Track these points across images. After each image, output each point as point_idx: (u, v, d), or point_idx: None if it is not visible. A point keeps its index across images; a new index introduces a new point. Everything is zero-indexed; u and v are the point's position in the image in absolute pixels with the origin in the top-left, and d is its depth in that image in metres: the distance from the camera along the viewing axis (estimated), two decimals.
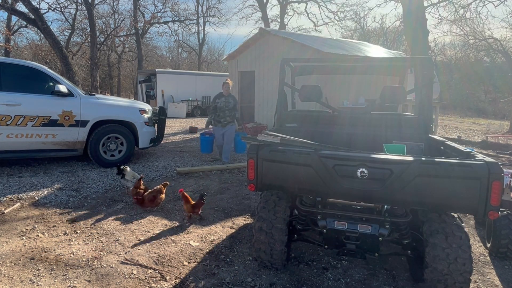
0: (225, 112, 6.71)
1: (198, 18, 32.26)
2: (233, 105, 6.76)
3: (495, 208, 2.35)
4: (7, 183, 5.30)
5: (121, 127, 6.40)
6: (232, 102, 6.76)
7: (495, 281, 3.11)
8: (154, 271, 3.05)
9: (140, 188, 4.61)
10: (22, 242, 3.51)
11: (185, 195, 4.15)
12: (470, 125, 18.75)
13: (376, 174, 2.54)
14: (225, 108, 6.69)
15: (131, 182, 4.89)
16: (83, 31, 26.80)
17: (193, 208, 4.15)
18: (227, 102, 6.70)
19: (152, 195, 4.42)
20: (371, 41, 29.42)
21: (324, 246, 2.95)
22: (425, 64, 3.85)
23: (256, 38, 11.47)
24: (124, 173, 4.95)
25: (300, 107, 5.09)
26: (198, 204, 4.17)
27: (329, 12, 28.94)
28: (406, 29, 12.22)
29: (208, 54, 39.29)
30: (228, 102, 6.71)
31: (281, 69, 3.98)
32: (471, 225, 4.39)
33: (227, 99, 6.72)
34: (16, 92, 5.62)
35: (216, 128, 6.88)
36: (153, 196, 4.41)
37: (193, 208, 4.15)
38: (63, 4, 21.23)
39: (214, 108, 6.76)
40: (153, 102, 18.04)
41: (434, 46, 29.54)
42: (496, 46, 19.42)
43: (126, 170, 4.97)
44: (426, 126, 3.71)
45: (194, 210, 4.16)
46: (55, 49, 13.48)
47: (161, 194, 4.48)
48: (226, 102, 6.70)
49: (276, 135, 2.94)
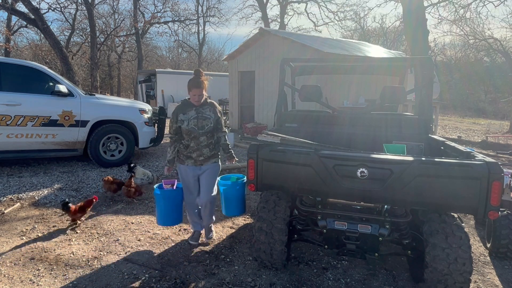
0: (199, 139, 3.32)
1: (198, 18, 32.23)
2: (214, 121, 3.36)
3: (495, 208, 2.35)
4: (7, 183, 5.29)
5: (121, 127, 6.40)
6: (211, 116, 3.35)
7: (495, 281, 3.11)
8: (154, 271, 3.05)
9: (131, 187, 4.74)
10: (22, 242, 3.51)
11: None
12: (470, 125, 18.74)
13: (376, 174, 2.54)
14: (198, 131, 3.30)
15: (140, 180, 4.97)
16: (83, 31, 26.78)
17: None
18: (201, 119, 3.31)
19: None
20: (371, 41, 29.41)
21: (324, 246, 2.95)
22: (425, 64, 3.85)
23: (256, 38, 11.47)
24: (134, 171, 5.06)
25: (300, 107, 5.09)
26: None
27: (329, 12, 28.84)
28: (406, 29, 12.22)
29: (208, 54, 39.26)
30: (203, 118, 3.32)
31: (281, 69, 3.98)
32: (471, 225, 4.39)
33: (200, 113, 3.32)
34: (16, 92, 5.62)
35: (183, 169, 3.45)
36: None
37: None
38: (63, 4, 21.21)
39: (176, 131, 3.38)
40: (153, 102, 18.02)
41: (434, 46, 29.54)
42: (496, 46, 19.41)
43: (136, 168, 5.09)
44: (426, 126, 3.71)
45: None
46: (55, 49, 13.47)
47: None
48: (200, 119, 3.30)
49: (276, 135, 2.94)
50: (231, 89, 12.61)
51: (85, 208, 3.97)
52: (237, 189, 3.67)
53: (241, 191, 3.69)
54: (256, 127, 10.38)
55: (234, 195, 3.66)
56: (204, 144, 3.36)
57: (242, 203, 3.74)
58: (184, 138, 3.39)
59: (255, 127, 10.39)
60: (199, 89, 3.23)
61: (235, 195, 3.66)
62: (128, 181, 4.77)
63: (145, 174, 5.00)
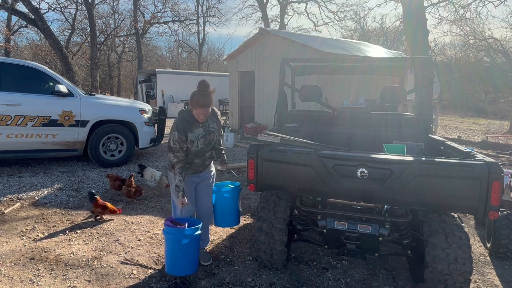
0: (204, 156, 3.02)
1: (198, 18, 32.25)
2: (218, 133, 3.06)
3: (495, 208, 2.35)
4: (7, 183, 5.29)
5: (121, 127, 6.40)
6: (215, 128, 3.02)
7: (495, 281, 3.11)
8: (154, 271, 3.05)
9: (131, 187, 4.74)
10: (22, 242, 3.51)
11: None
12: (470, 125, 18.74)
13: (376, 174, 2.54)
14: (206, 149, 2.99)
15: (149, 181, 4.98)
16: (83, 31, 26.79)
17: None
18: (207, 134, 2.96)
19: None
20: (371, 41, 29.41)
21: (324, 246, 2.96)
22: (425, 64, 3.85)
23: (256, 38, 11.46)
24: (143, 172, 5.10)
25: (300, 107, 5.09)
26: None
27: (329, 12, 28.82)
28: (406, 29, 12.21)
29: (208, 54, 39.28)
30: (209, 133, 2.97)
31: (281, 69, 3.98)
32: (471, 225, 4.39)
33: (207, 128, 2.95)
34: (16, 92, 5.62)
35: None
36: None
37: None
38: (63, 4, 21.22)
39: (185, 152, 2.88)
40: (153, 102, 18.02)
41: (434, 46, 29.55)
42: (496, 46, 19.43)
43: (146, 169, 5.13)
44: (426, 126, 3.71)
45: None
46: (55, 49, 13.47)
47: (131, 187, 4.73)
48: (207, 135, 2.95)
49: (276, 135, 2.94)
50: (231, 89, 12.61)
51: (106, 208, 4.06)
52: (228, 197, 3.27)
53: (234, 199, 3.31)
54: (256, 127, 10.39)
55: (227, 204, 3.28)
56: (208, 157, 3.05)
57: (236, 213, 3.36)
58: (190, 158, 2.93)
59: (255, 127, 10.40)
60: (206, 108, 2.73)
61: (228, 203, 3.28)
62: (128, 181, 4.76)
63: (153, 176, 5.00)
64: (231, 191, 3.31)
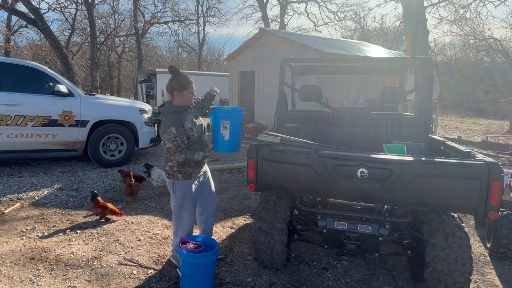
0: (202, 143, 2.94)
1: (198, 18, 32.24)
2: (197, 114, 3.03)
3: (495, 208, 2.35)
4: (7, 183, 5.30)
5: (121, 127, 6.40)
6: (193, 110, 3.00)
7: (495, 281, 3.11)
8: (154, 271, 3.05)
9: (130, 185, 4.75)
10: (22, 242, 3.51)
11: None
12: (470, 125, 18.74)
13: (376, 174, 2.54)
14: (202, 130, 2.96)
15: (155, 181, 4.98)
16: (83, 31, 26.78)
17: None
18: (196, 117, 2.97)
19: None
20: (371, 41, 29.42)
21: (324, 246, 2.96)
22: (425, 64, 3.84)
23: (256, 38, 11.47)
24: (149, 172, 5.11)
25: (300, 107, 5.09)
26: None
27: (329, 12, 28.83)
28: (406, 29, 12.22)
29: (208, 54, 39.27)
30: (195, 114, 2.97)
31: (281, 69, 3.98)
32: (471, 225, 4.39)
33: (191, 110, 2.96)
34: (16, 92, 5.62)
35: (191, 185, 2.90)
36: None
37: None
38: (63, 4, 21.24)
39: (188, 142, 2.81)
40: (153, 102, 18.03)
41: (434, 46, 29.56)
42: (496, 46, 19.42)
43: (152, 169, 5.14)
44: (426, 126, 3.71)
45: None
46: (55, 49, 13.47)
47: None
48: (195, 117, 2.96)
49: (276, 135, 2.93)
50: (231, 89, 12.60)
51: (106, 208, 4.04)
52: (233, 117, 2.96)
53: (239, 121, 3.03)
54: (256, 127, 10.40)
55: (232, 125, 2.94)
56: (204, 141, 2.96)
57: (237, 138, 3.03)
58: (194, 147, 2.85)
59: (255, 127, 10.41)
60: (193, 83, 2.85)
61: (233, 126, 2.95)
62: (129, 180, 4.76)
63: (160, 176, 5.00)
64: (237, 111, 3.02)
